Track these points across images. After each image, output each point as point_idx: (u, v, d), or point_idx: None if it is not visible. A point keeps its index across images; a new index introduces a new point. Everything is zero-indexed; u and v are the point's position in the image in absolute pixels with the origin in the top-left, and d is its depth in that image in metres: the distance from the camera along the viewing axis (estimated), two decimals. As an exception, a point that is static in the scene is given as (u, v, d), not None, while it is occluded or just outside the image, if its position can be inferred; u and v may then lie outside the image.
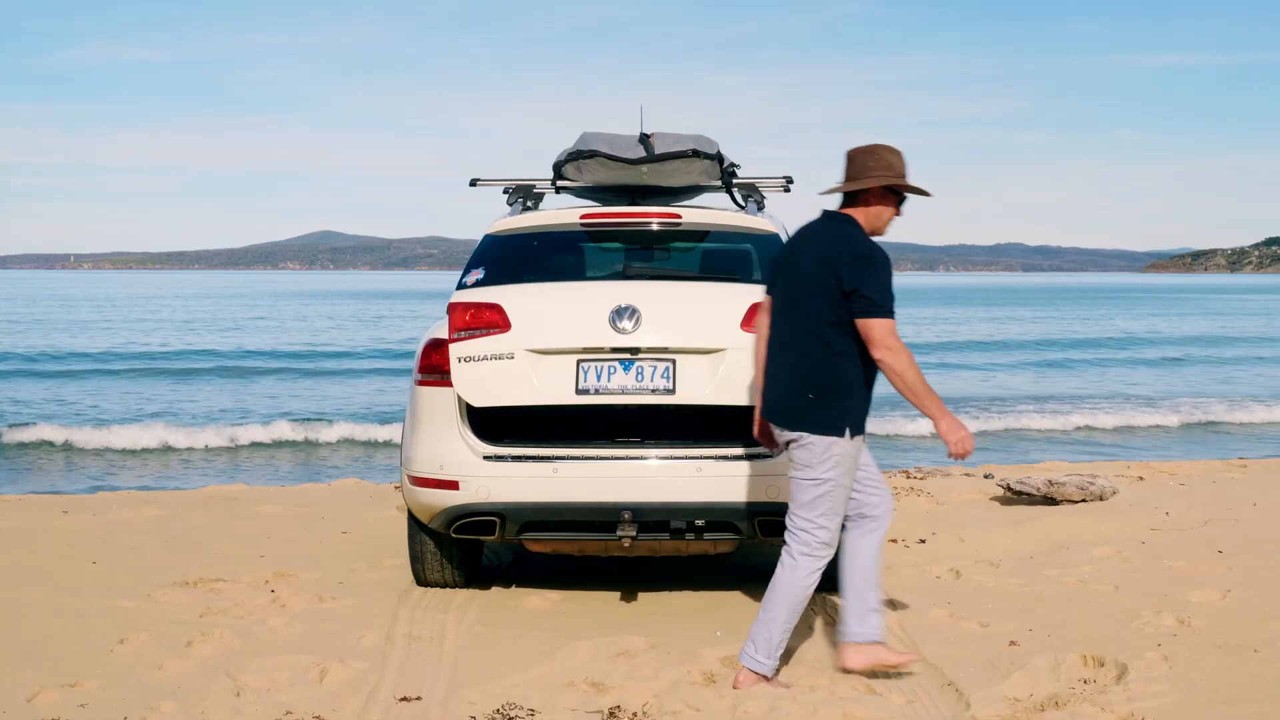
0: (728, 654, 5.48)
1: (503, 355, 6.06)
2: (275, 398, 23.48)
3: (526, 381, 6.03)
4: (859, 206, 4.99)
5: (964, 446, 4.85)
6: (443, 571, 6.69)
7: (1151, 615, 6.07)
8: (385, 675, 5.29)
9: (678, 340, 6.03)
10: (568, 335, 6.05)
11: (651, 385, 6.01)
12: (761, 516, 6.03)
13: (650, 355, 6.03)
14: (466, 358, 6.09)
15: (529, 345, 6.05)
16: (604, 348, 6.02)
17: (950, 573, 7.15)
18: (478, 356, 6.07)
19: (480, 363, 6.07)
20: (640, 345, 6.00)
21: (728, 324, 6.04)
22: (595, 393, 6.01)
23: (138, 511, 9.15)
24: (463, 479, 6.08)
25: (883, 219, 5.01)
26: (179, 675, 5.27)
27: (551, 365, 6.05)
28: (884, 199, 4.98)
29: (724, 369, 5.99)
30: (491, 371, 6.05)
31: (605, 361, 6.04)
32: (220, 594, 6.68)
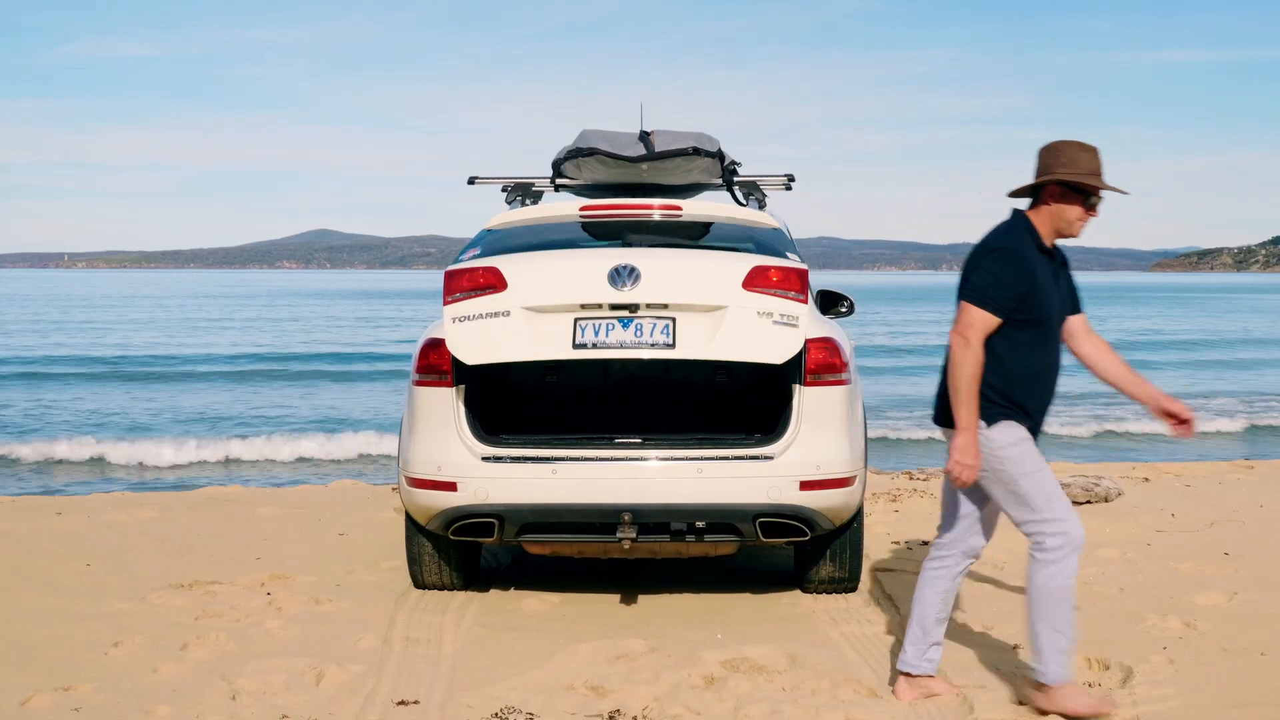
0: (728, 657, 5.48)
1: (499, 313, 5.98)
2: (277, 400, 23.49)
3: (523, 338, 5.96)
4: (1038, 206, 4.74)
5: (961, 474, 4.67)
6: (441, 574, 6.69)
7: (1157, 618, 6.07)
8: (383, 678, 5.29)
9: (678, 297, 5.95)
10: (565, 293, 5.98)
11: (651, 340, 5.95)
12: (763, 518, 6.03)
13: (650, 313, 5.96)
14: (462, 317, 6.01)
15: (526, 303, 5.98)
16: (602, 304, 5.96)
17: (953, 575, 7.14)
18: (473, 315, 5.99)
19: (476, 321, 5.99)
20: (639, 301, 5.93)
21: (729, 284, 5.97)
22: (593, 347, 5.95)
23: (132, 513, 9.15)
24: (461, 480, 6.07)
25: (1065, 218, 4.70)
26: (174, 678, 5.27)
27: (548, 322, 5.99)
28: (1065, 197, 4.68)
29: (725, 325, 5.93)
30: (487, 328, 5.97)
31: (604, 320, 5.99)
32: (216, 596, 6.68)
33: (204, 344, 38.32)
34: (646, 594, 6.72)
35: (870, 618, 6.23)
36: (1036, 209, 4.76)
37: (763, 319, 5.91)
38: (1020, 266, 4.65)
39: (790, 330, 5.92)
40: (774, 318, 5.89)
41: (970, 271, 4.72)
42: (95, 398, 23.36)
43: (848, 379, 6.29)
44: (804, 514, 6.04)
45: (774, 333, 5.91)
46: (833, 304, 7.52)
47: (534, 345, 5.98)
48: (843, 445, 6.15)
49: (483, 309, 6.00)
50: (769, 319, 5.90)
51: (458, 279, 6.09)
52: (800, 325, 5.93)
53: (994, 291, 4.63)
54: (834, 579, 6.63)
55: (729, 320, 5.93)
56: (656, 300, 5.94)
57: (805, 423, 6.12)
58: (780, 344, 5.92)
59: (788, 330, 5.92)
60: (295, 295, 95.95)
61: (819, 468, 6.06)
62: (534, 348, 5.98)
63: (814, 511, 6.06)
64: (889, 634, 5.96)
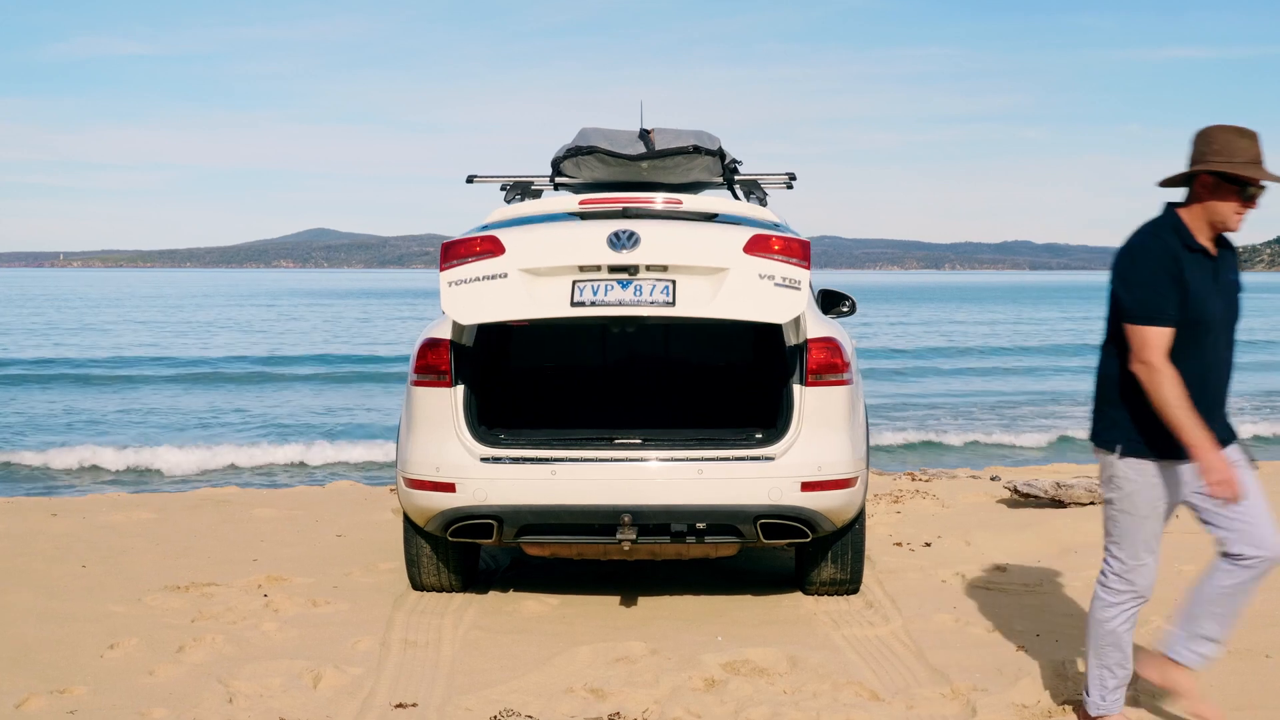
0: (729, 659, 5.48)
1: (496, 275, 5.93)
2: (276, 403, 23.50)
3: (520, 298, 5.91)
4: (1190, 199, 4.39)
5: (1225, 492, 4.28)
6: (439, 575, 6.69)
7: (1162, 620, 6.07)
8: (380, 681, 5.29)
9: (678, 259, 5.90)
10: (563, 255, 5.93)
11: (650, 299, 5.91)
12: (764, 520, 6.03)
13: (650, 274, 5.91)
14: (457, 281, 5.95)
15: (523, 265, 5.93)
16: (601, 265, 5.90)
17: (956, 577, 7.15)
18: (469, 279, 5.94)
19: (471, 283, 5.94)
20: (639, 263, 5.88)
21: (730, 248, 5.92)
22: (591, 305, 5.90)
23: (128, 514, 9.15)
24: (459, 481, 6.07)
25: (1220, 213, 4.34)
26: (170, 681, 5.27)
27: (546, 284, 5.95)
28: (1219, 190, 4.31)
29: (726, 286, 5.88)
30: (483, 289, 5.92)
31: (602, 281, 5.94)
32: (212, 598, 6.68)
33: (199, 346, 38.32)
34: (647, 596, 6.73)
35: (872, 620, 6.24)
36: (1189, 203, 4.40)
37: (764, 281, 5.86)
38: (1166, 267, 4.29)
39: (793, 292, 5.84)
40: (776, 280, 5.84)
41: (1119, 286, 4.39)
42: (90, 400, 23.36)
43: (849, 379, 6.29)
44: (805, 515, 6.04)
45: (776, 294, 5.84)
46: (834, 304, 7.53)
47: (531, 304, 5.92)
48: (844, 446, 6.15)
49: (479, 272, 5.94)
50: (770, 281, 5.85)
51: (454, 247, 6.05)
52: (802, 289, 5.86)
53: (1155, 301, 4.27)
54: (836, 581, 6.63)
55: (730, 281, 5.87)
56: (656, 262, 5.88)
57: (807, 423, 6.12)
58: (782, 304, 5.85)
59: (790, 292, 5.85)
60: (294, 295, 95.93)
61: (820, 468, 6.06)
62: (531, 306, 5.92)
63: (815, 513, 6.06)
64: (891, 637, 5.96)
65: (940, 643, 5.83)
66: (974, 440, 17.20)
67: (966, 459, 15.40)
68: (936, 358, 34.01)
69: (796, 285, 5.85)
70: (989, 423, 19.17)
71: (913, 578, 7.14)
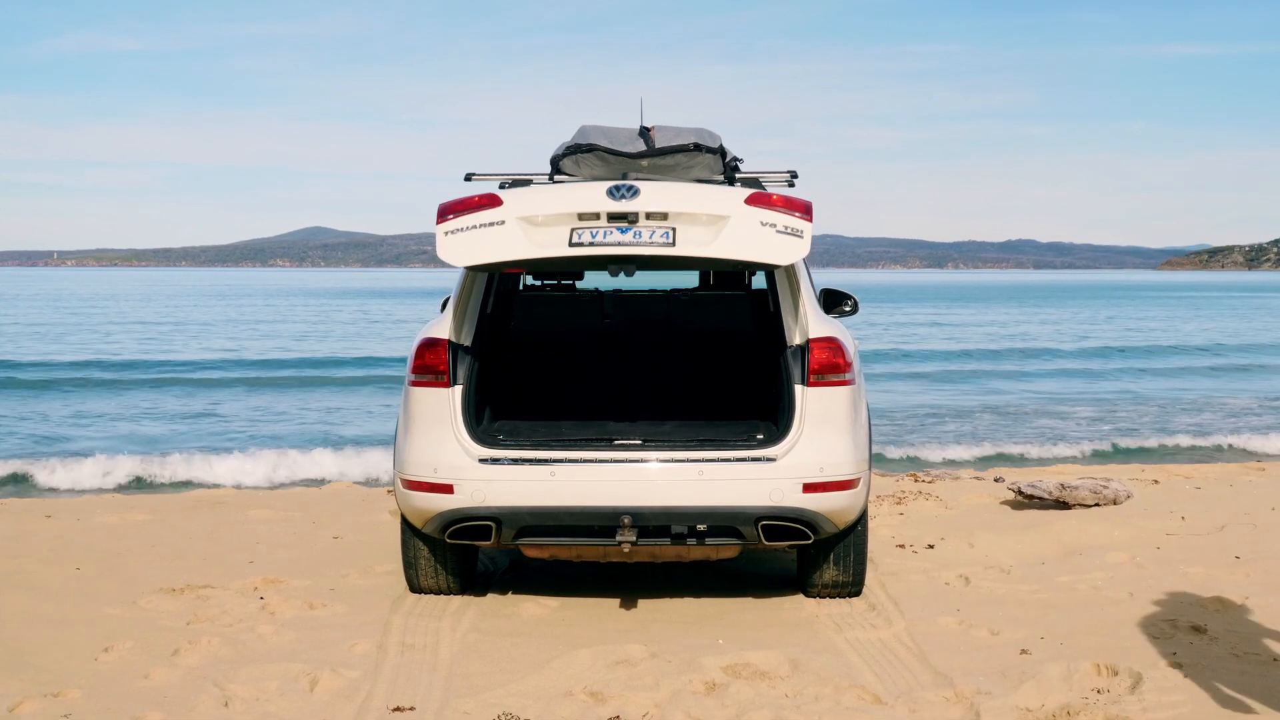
0: (730, 663, 5.48)
1: (494, 223, 5.91)
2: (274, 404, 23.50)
3: (517, 241, 5.88)
4: None
5: None
6: (437, 578, 6.69)
7: (1166, 623, 6.07)
8: (378, 685, 5.29)
9: (678, 207, 5.87)
10: (563, 204, 5.91)
11: (650, 240, 5.87)
12: (765, 521, 6.03)
13: (650, 222, 5.87)
14: (454, 230, 5.93)
15: (521, 214, 5.92)
16: (600, 213, 5.87)
17: (960, 579, 7.15)
18: (466, 228, 5.92)
19: (468, 231, 5.92)
20: (639, 210, 5.85)
21: (732, 200, 5.92)
22: (590, 245, 5.87)
23: (123, 516, 9.15)
24: (458, 482, 6.08)
25: None
26: (165, 684, 5.27)
27: (545, 230, 5.93)
28: None
29: (727, 231, 5.85)
30: (480, 235, 5.90)
31: (602, 227, 5.91)
32: (208, 601, 6.68)
33: (197, 347, 38.33)
34: (647, 598, 6.72)
35: (874, 623, 6.23)
36: None
37: (766, 228, 5.84)
38: None
39: (795, 239, 5.81)
40: (778, 228, 5.82)
41: None
42: (84, 401, 23.36)
43: (852, 379, 6.29)
44: (807, 517, 6.04)
45: (778, 239, 5.81)
46: (836, 303, 7.52)
47: (529, 247, 5.88)
48: (846, 447, 6.15)
49: (477, 221, 5.93)
50: (772, 229, 5.82)
51: (451, 204, 6.05)
52: (804, 239, 5.82)
53: None
54: (838, 583, 6.63)
55: (731, 227, 5.84)
56: (656, 210, 5.86)
57: (808, 424, 6.12)
58: (784, 249, 5.81)
59: (792, 239, 5.81)
60: (291, 295, 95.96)
61: (822, 469, 6.06)
62: (528, 249, 5.88)
63: (817, 514, 6.06)
64: (894, 639, 5.96)
65: (943, 646, 5.83)
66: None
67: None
68: (939, 361, 34.02)
69: (799, 234, 5.82)
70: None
71: (916, 580, 7.14)
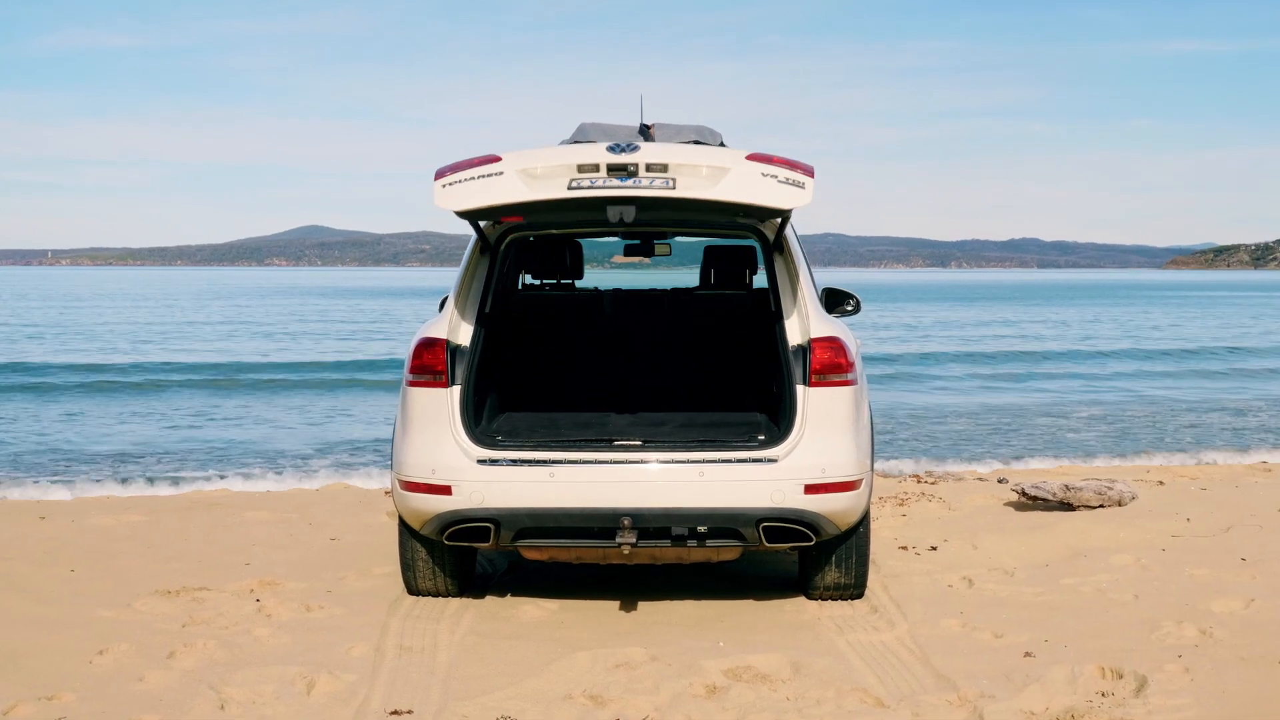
0: (730, 665, 5.48)
1: (492, 174, 5.90)
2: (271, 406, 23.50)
3: (516, 187, 5.87)
4: None
5: None
6: (435, 580, 6.69)
7: (1172, 625, 6.08)
8: (375, 688, 5.29)
9: (679, 159, 5.86)
10: (562, 157, 5.89)
11: (650, 185, 5.84)
12: (767, 523, 6.03)
13: (650, 173, 5.84)
14: (452, 182, 5.93)
15: (520, 168, 5.91)
16: (600, 164, 5.85)
17: (963, 581, 7.15)
18: (463, 179, 5.91)
19: (466, 182, 5.90)
20: (639, 162, 5.82)
21: (732, 156, 5.91)
22: (590, 188, 5.85)
23: (118, 517, 9.15)
24: (456, 484, 6.08)
25: None
26: (161, 687, 5.27)
27: (544, 180, 5.92)
28: None
29: (728, 179, 5.83)
30: (477, 184, 5.89)
31: (601, 177, 5.88)
32: (203, 603, 6.68)
33: (190, 348, 38.34)
34: (647, 601, 6.73)
35: (876, 625, 6.24)
36: None
37: (767, 179, 5.82)
38: None
39: (796, 189, 5.80)
40: (779, 179, 5.81)
41: None
42: (77, 401, 23.35)
43: (854, 379, 6.29)
44: (809, 518, 6.05)
45: (780, 187, 5.81)
46: (838, 302, 7.52)
47: (526, 191, 5.87)
48: (849, 447, 6.15)
49: (475, 174, 5.92)
50: (774, 179, 5.81)
51: (449, 165, 6.05)
52: (806, 190, 5.81)
53: None
54: (839, 585, 6.63)
55: (732, 176, 5.83)
56: (657, 161, 5.84)
57: (810, 424, 6.12)
58: (786, 195, 5.80)
59: (794, 188, 5.81)
60: (290, 294, 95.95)
61: (824, 471, 6.06)
62: (526, 193, 5.86)
63: (819, 516, 6.06)
64: (896, 642, 5.96)
65: (946, 648, 5.83)
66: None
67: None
68: (944, 363, 34.01)
69: (801, 185, 5.81)
70: None
71: (918, 582, 7.14)
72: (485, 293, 6.72)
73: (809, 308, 6.46)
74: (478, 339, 6.54)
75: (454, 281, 6.74)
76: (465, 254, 6.89)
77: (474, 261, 6.78)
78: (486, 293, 6.74)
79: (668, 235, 7.73)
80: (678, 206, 5.95)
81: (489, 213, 6.01)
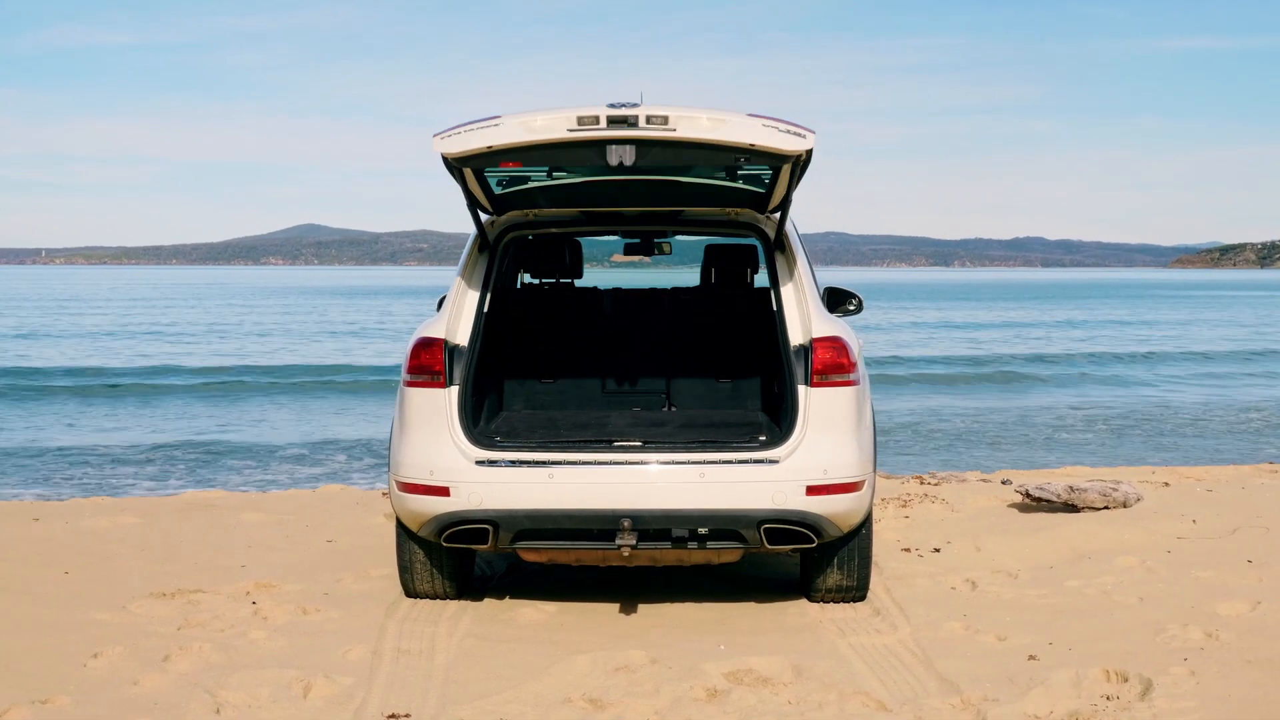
0: (731, 669, 5.48)
1: (489, 125, 5.89)
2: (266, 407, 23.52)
3: (515, 131, 5.85)
4: None
5: None
6: (433, 582, 6.69)
7: (1178, 628, 6.07)
8: (372, 691, 5.29)
9: (679, 111, 5.85)
10: (562, 111, 5.87)
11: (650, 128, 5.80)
12: (768, 525, 6.03)
13: (651, 124, 5.81)
14: (450, 134, 5.92)
15: (520, 120, 5.89)
16: (599, 116, 5.82)
17: (966, 583, 7.15)
18: (463, 131, 5.90)
19: (466, 133, 5.90)
20: (639, 114, 5.80)
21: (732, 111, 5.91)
22: (590, 130, 5.82)
23: (112, 519, 9.15)
24: (454, 485, 6.08)
25: None
26: (156, 691, 5.27)
27: (542, 132, 5.90)
28: None
29: (729, 126, 5.82)
30: (477, 133, 5.88)
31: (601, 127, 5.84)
32: (199, 606, 6.68)
33: (187, 350, 38.36)
34: (647, 603, 6.73)
35: (879, 628, 6.23)
36: None
37: (769, 128, 5.82)
38: None
39: (798, 136, 5.80)
40: (780, 129, 5.82)
41: None
42: (69, 400, 23.36)
43: (856, 379, 6.29)
44: (810, 520, 6.05)
45: (780, 133, 5.80)
46: (840, 302, 7.52)
47: (525, 135, 5.84)
48: (851, 448, 6.15)
49: (473, 126, 5.90)
50: (775, 128, 5.82)
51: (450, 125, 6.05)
52: (807, 140, 5.81)
53: None
54: (842, 588, 6.63)
55: (732, 123, 5.80)
56: (657, 114, 5.82)
57: (812, 425, 6.12)
58: (788, 140, 5.79)
59: (795, 135, 5.80)
60: (288, 294, 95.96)
61: (826, 472, 6.06)
62: (525, 136, 5.84)
63: (821, 517, 6.06)
64: (899, 645, 5.96)
65: (950, 651, 5.83)
66: None
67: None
68: (952, 366, 34.01)
69: (801, 134, 5.80)
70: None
71: (921, 584, 7.14)
72: (484, 292, 6.72)
73: (810, 307, 6.46)
74: (476, 339, 6.54)
75: (453, 280, 6.74)
76: (464, 252, 6.89)
77: (473, 260, 6.79)
78: (485, 292, 6.74)
79: (669, 234, 7.73)
80: (679, 149, 5.91)
81: (486, 157, 5.97)
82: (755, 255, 7.76)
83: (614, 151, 5.89)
